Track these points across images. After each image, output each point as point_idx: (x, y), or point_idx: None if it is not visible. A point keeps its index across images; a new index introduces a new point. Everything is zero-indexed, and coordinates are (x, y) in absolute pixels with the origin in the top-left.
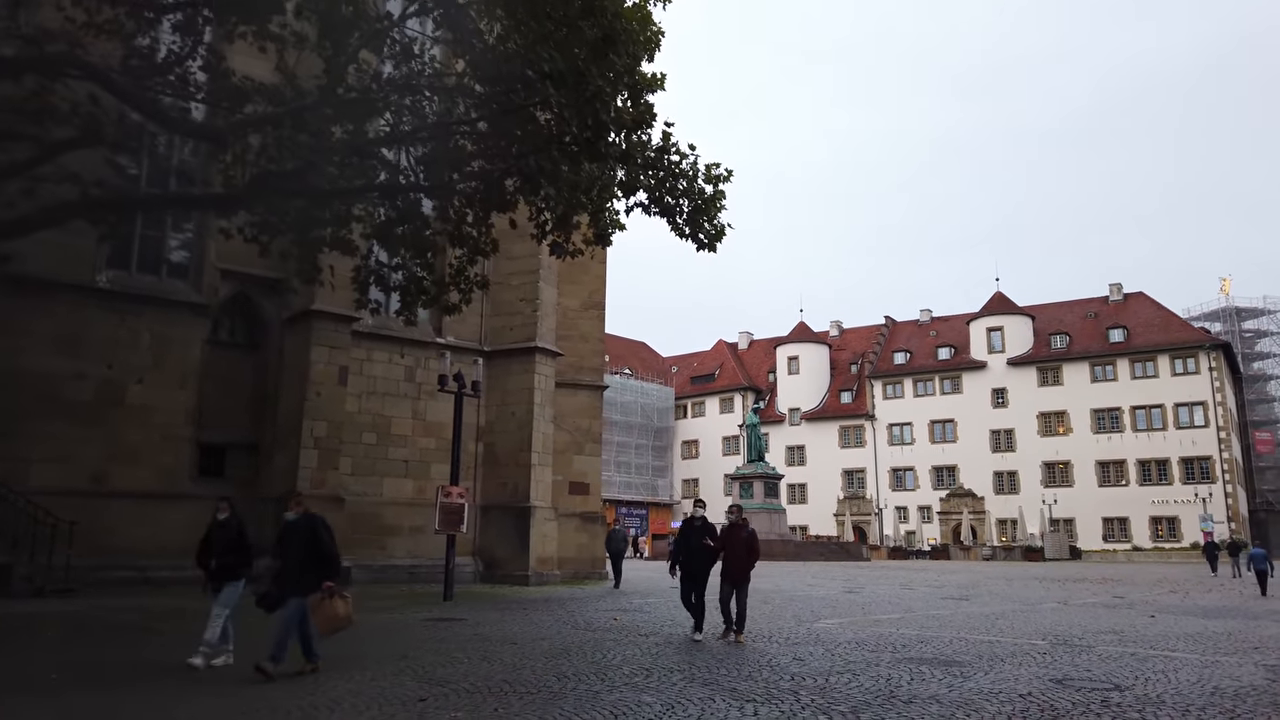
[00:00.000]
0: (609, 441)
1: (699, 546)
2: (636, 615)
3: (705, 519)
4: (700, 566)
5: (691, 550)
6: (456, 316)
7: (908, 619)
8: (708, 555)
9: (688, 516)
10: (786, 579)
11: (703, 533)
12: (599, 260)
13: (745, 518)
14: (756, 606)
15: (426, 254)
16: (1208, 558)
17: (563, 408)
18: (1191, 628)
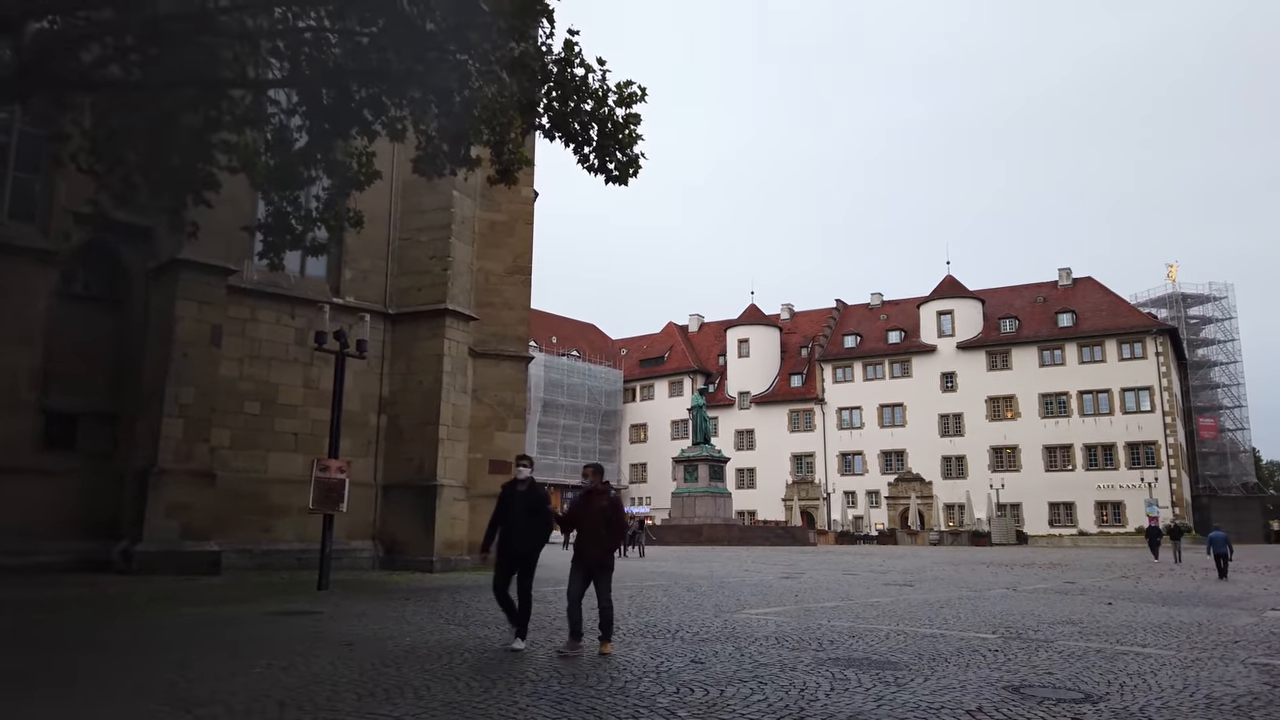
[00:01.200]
0: (554, 425)
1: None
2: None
3: (533, 481)
4: (524, 546)
5: (512, 524)
6: (358, 274)
7: (843, 608)
8: (536, 531)
9: (507, 481)
10: (724, 564)
11: (529, 500)
12: (524, 221)
13: (606, 482)
14: (681, 595)
15: (292, 186)
16: (1149, 542)
17: (484, 380)
18: (1155, 617)
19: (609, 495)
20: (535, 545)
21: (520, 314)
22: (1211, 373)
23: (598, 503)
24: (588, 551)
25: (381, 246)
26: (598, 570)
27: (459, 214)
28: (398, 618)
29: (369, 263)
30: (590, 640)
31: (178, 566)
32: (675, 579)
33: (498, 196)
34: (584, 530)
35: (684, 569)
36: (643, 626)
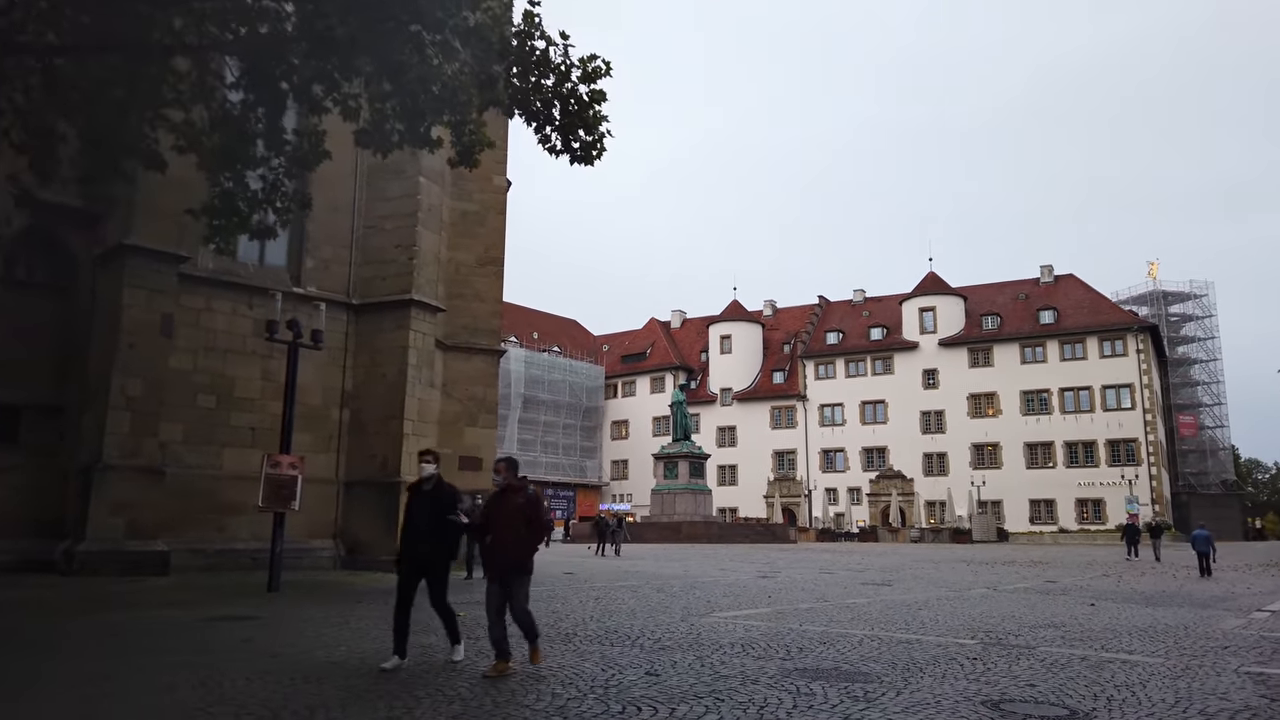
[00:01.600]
0: (535, 421)
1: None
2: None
3: (440, 479)
4: (428, 554)
5: (415, 529)
6: (319, 264)
7: (818, 610)
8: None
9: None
10: (700, 563)
11: (435, 502)
12: (496, 211)
13: (524, 478)
14: (650, 596)
15: (237, 164)
16: (1126, 540)
17: (454, 374)
18: (1139, 619)
19: (526, 492)
20: (441, 554)
21: (492, 306)
22: (1191, 370)
23: (513, 501)
24: (503, 555)
25: (345, 235)
26: (513, 575)
27: (425, 201)
28: (341, 623)
29: (331, 251)
30: (520, 653)
31: (123, 567)
32: (648, 579)
33: (468, 185)
34: (498, 532)
35: (659, 568)
36: (602, 632)
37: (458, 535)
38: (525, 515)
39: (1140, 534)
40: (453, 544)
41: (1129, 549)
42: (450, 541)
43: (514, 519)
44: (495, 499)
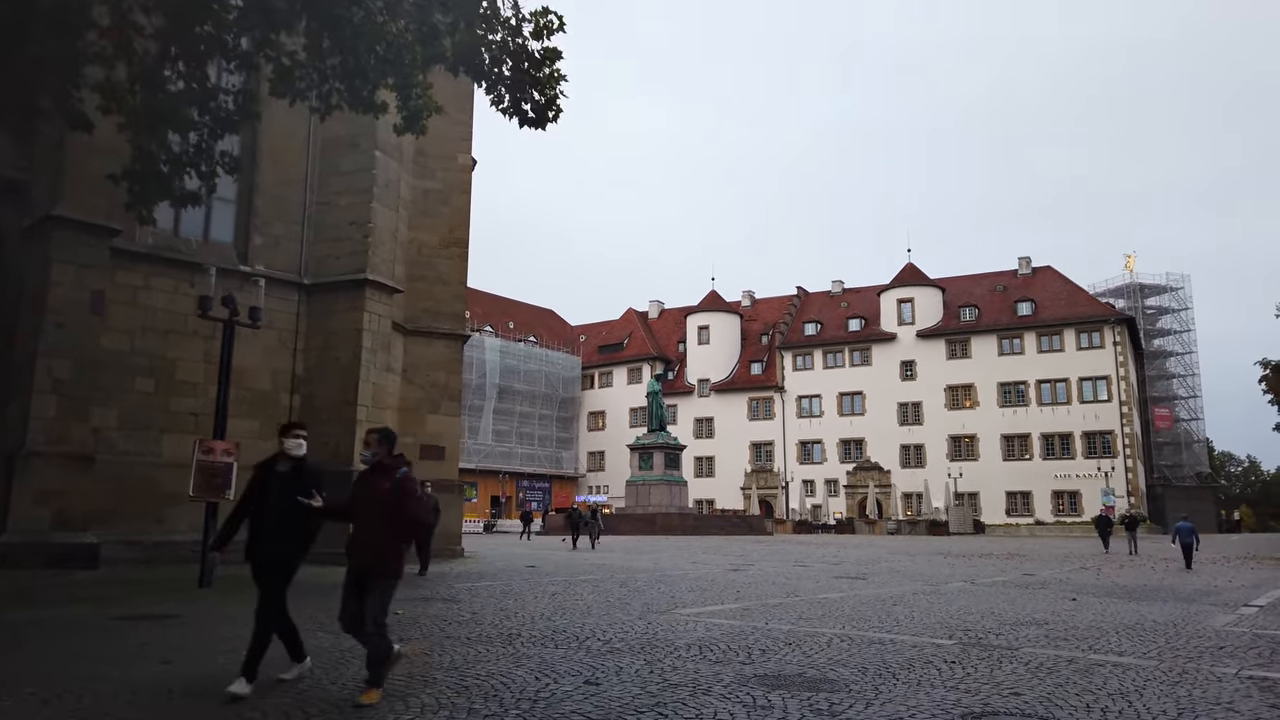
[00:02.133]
0: (510, 412)
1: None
2: (428, 607)
3: (304, 462)
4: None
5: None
6: (269, 240)
7: (787, 606)
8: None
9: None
10: (672, 555)
11: (293, 486)
12: (461, 190)
13: (399, 455)
14: (611, 592)
15: (159, 124)
16: (1100, 532)
17: (416, 359)
18: (1125, 615)
19: (395, 474)
20: (292, 551)
21: (456, 289)
22: (1167, 363)
23: (379, 485)
24: (364, 547)
25: (296, 210)
26: (371, 577)
27: (381, 176)
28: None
29: (282, 228)
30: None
31: (48, 559)
32: (614, 572)
33: (431, 164)
34: (359, 521)
35: (628, 561)
36: (549, 633)
37: (316, 526)
38: (391, 503)
39: (1113, 526)
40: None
41: (1103, 542)
42: (303, 539)
43: (376, 506)
44: (361, 479)
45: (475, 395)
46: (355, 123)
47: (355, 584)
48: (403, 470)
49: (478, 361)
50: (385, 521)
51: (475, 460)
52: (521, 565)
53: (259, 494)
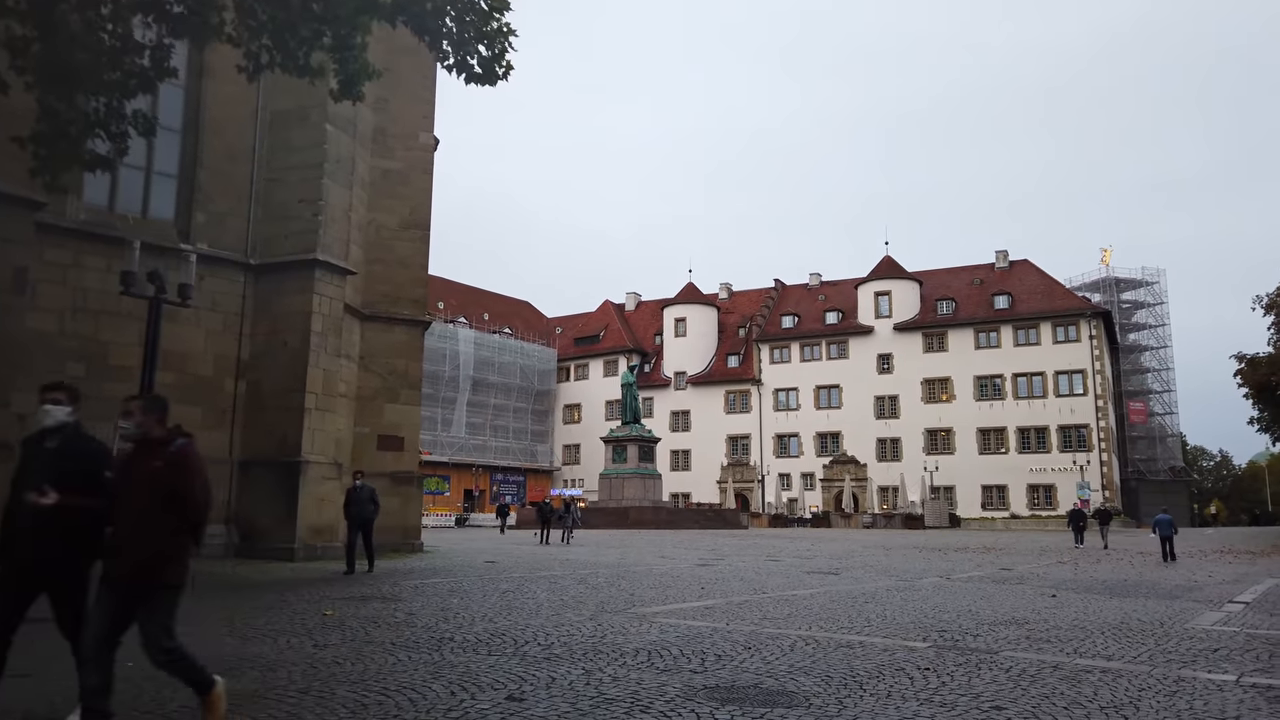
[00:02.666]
0: (484, 404)
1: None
2: (362, 608)
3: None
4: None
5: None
6: (213, 218)
7: (752, 605)
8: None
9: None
10: (641, 550)
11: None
12: (422, 170)
13: (177, 428)
14: (568, 589)
15: (66, 82)
16: (1072, 526)
17: (374, 345)
18: (1108, 613)
19: (170, 448)
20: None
21: (416, 273)
22: (1142, 357)
23: (147, 464)
24: (125, 554)
25: (243, 186)
26: (145, 589)
27: (333, 152)
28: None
29: (227, 205)
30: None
31: None
32: (576, 568)
33: (391, 142)
34: (120, 515)
35: (595, 556)
36: (486, 637)
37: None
38: (163, 486)
39: (1087, 520)
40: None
41: (1076, 536)
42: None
43: (143, 492)
44: (122, 461)
45: (448, 387)
46: (305, 94)
47: (113, 599)
48: (179, 442)
49: (451, 353)
50: (158, 511)
51: (448, 453)
52: (481, 561)
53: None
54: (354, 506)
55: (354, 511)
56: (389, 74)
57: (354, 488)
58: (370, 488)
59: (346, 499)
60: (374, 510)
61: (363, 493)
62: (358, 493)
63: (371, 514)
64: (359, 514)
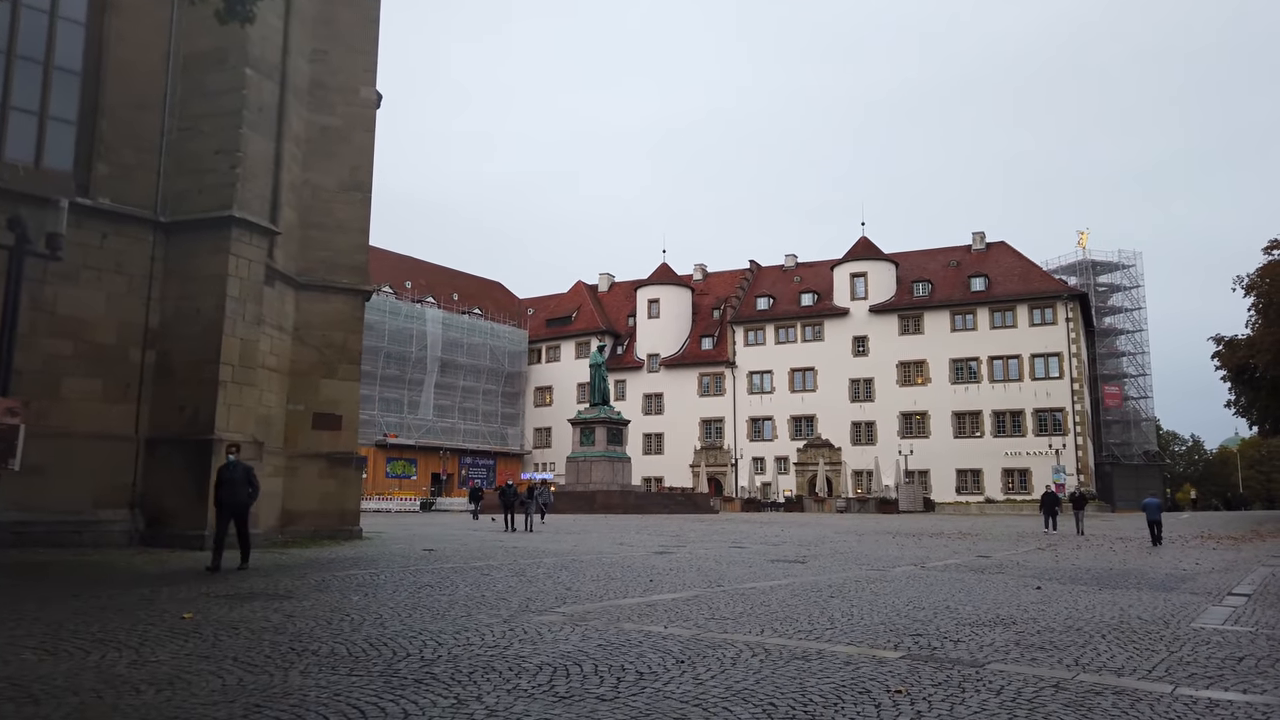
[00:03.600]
0: (453, 386)
1: None
2: (236, 609)
3: None
4: None
5: None
6: (117, 170)
7: (702, 601)
8: None
9: None
10: (600, 537)
11: None
12: (363, 128)
13: None
14: (498, 582)
15: None
16: (1044, 510)
17: (309, 316)
18: (1102, 608)
19: None
20: None
21: (357, 239)
22: (1117, 341)
23: None
24: None
25: (152, 136)
26: None
27: (254, 98)
28: (7, 638)
29: (134, 156)
30: None
31: None
32: (520, 557)
33: (330, 96)
34: None
35: (548, 543)
36: (363, 648)
37: None
38: None
39: (1060, 504)
40: None
41: (1046, 520)
42: None
43: None
44: None
45: (416, 369)
46: (223, 35)
47: None
48: None
49: (418, 334)
50: None
51: (415, 436)
52: (419, 549)
53: None
54: (225, 488)
55: (224, 495)
56: (327, 24)
57: (226, 465)
58: (246, 466)
59: (216, 479)
60: (251, 494)
61: (236, 472)
62: (230, 471)
63: (247, 498)
64: (230, 498)
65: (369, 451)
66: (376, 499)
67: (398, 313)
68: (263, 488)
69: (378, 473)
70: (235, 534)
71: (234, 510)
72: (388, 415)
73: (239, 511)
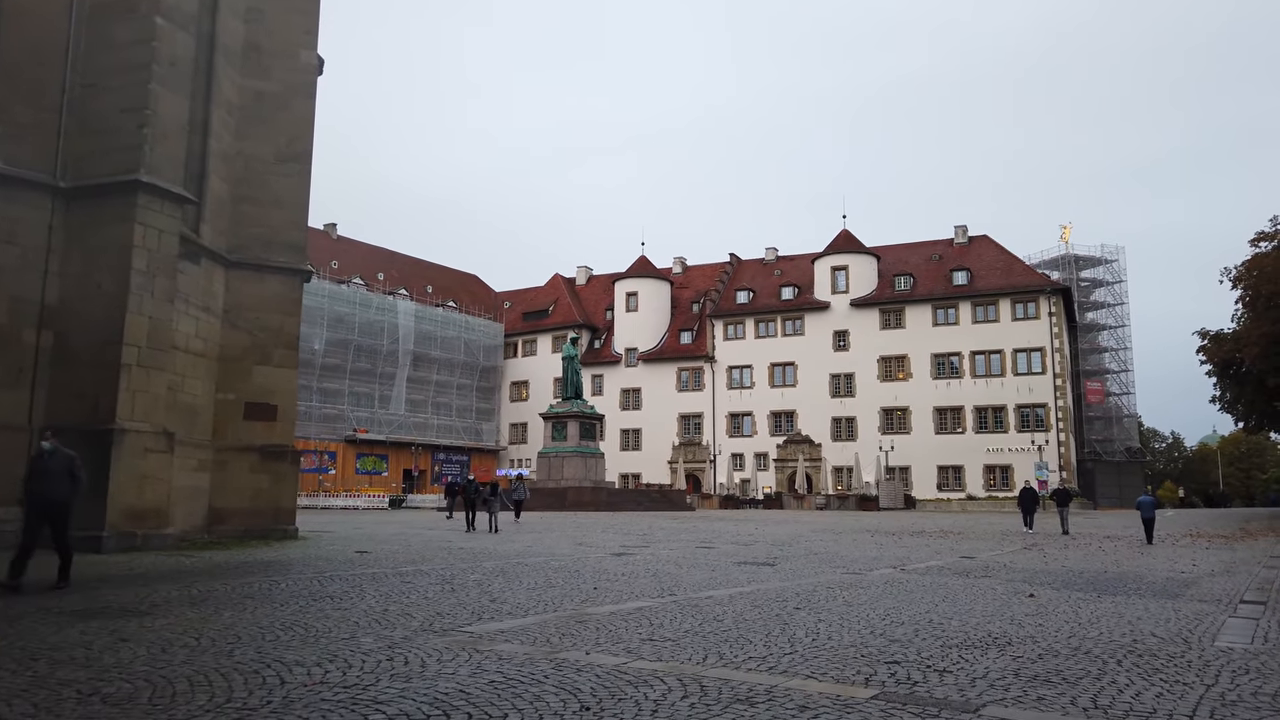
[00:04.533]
0: (426, 380)
1: None
2: (59, 631)
3: None
4: None
5: None
6: (11, 130)
7: (647, 614)
8: None
9: None
10: (561, 535)
11: None
12: (303, 95)
13: None
14: (413, 593)
15: None
16: (1022, 507)
17: (241, 297)
18: (1107, 621)
19: None
20: None
21: (295, 214)
22: (1099, 336)
23: None
24: None
25: (51, 93)
26: None
27: (165, 51)
28: None
29: (30, 114)
30: None
31: None
32: (461, 560)
33: (266, 60)
34: None
35: (502, 544)
36: (185, 682)
37: None
38: None
39: (1040, 501)
40: None
41: (1025, 518)
42: None
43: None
44: None
45: (387, 362)
46: None
47: None
48: None
49: (390, 326)
50: None
51: (386, 431)
52: (352, 551)
53: None
54: (37, 481)
55: (36, 489)
56: None
57: (40, 454)
58: (69, 455)
59: (27, 471)
60: (72, 488)
61: (53, 462)
62: (46, 461)
63: (65, 494)
64: (43, 493)
65: (338, 447)
66: (344, 496)
67: (368, 305)
68: (187, 483)
69: (347, 469)
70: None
71: (47, 509)
72: (358, 410)
73: (54, 510)
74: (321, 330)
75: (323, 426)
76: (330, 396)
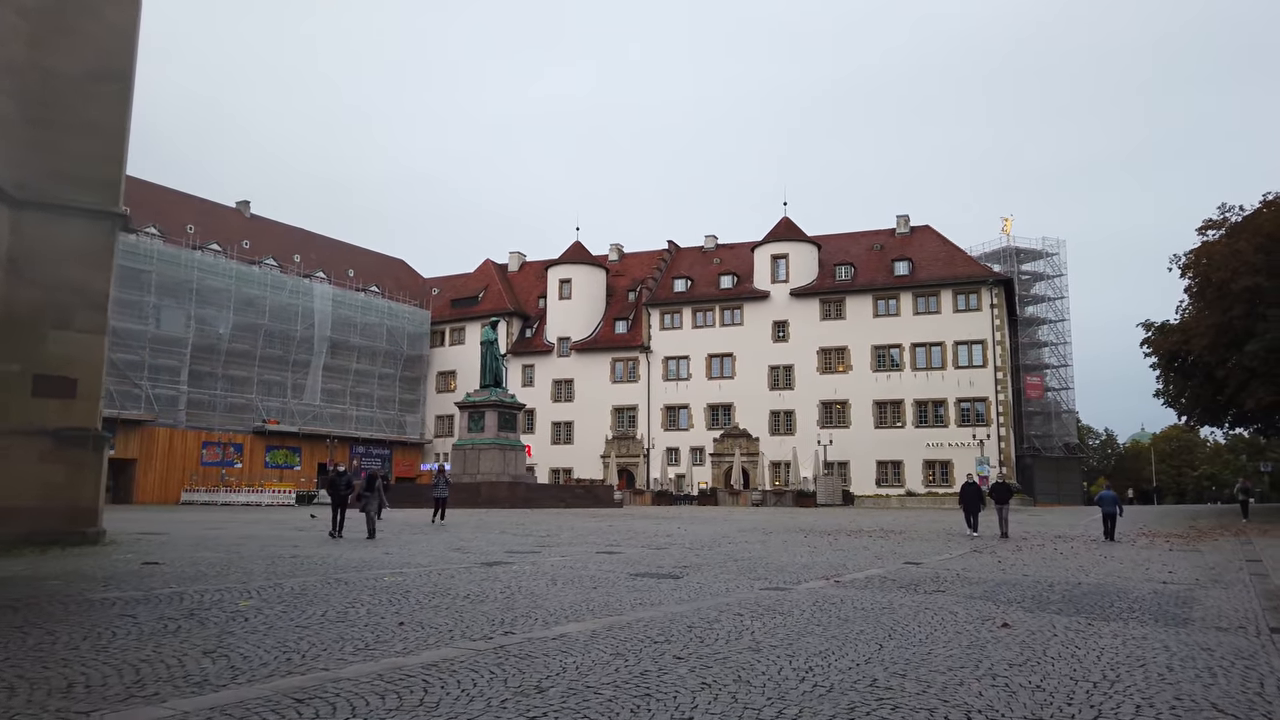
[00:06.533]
0: (345, 369)
1: None
2: None
3: None
4: None
5: None
6: None
7: (437, 673)
8: None
9: None
10: (444, 539)
11: None
12: (121, 3)
13: None
14: (143, 629)
15: None
16: (965, 506)
17: (34, 245)
18: (1128, 672)
19: None
20: None
21: (109, 146)
22: (1039, 331)
23: None
24: None
25: None
26: None
27: None
28: None
29: None
30: None
31: None
32: (285, 571)
33: None
34: None
35: (353, 551)
36: None
37: None
38: None
39: (984, 499)
40: None
41: (968, 519)
42: None
43: None
44: None
45: (301, 349)
46: None
47: None
48: None
49: (305, 311)
50: None
51: (299, 423)
52: (138, 564)
53: None
54: None
55: None
56: None
57: None
58: None
59: None
60: None
61: None
62: None
63: None
64: None
65: (245, 439)
66: (246, 491)
67: (281, 287)
68: None
69: (255, 462)
70: None
71: None
72: (268, 399)
73: None
74: (228, 314)
75: (228, 417)
76: (238, 384)
